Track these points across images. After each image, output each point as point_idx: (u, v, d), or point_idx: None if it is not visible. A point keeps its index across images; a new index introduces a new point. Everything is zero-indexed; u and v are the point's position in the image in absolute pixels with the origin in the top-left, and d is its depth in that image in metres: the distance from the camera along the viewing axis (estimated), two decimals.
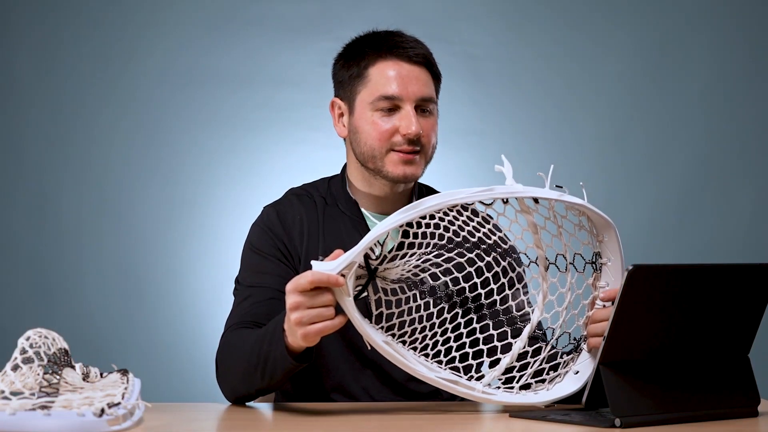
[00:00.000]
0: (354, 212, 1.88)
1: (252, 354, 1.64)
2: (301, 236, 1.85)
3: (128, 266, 3.50)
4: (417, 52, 1.83)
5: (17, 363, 1.41)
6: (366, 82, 1.82)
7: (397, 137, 1.81)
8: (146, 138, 3.52)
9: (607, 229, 1.60)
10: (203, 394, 3.39)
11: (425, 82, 1.83)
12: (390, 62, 1.82)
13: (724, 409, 1.54)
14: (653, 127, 3.58)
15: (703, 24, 3.59)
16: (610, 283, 1.62)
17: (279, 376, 1.62)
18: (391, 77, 1.81)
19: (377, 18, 3.56)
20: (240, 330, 1.75)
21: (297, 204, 1.89)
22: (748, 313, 1.57)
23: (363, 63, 1.83)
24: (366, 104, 1.82)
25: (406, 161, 1.81)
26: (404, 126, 1.80)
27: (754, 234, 3.55)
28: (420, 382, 1.74)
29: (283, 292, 1.79)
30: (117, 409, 1.35)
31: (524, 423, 1.53)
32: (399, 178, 1.82)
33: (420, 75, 1.83)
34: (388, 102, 1.81)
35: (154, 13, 3.53)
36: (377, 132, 1.81)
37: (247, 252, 1.88)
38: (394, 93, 1.80)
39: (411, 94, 1.81)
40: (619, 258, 1.61)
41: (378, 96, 1.81)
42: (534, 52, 3.58)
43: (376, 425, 1.53)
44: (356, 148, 1.85)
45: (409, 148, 1.81)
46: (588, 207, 1.57)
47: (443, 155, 3.62)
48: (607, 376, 1.46)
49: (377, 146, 1.81)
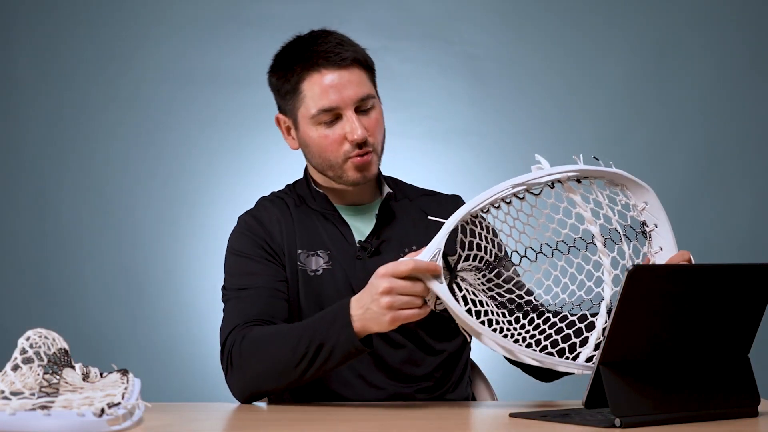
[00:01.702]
0: (324, 206, 1.92)
1: (299, 343, 1.64)
2: (281, 234, 1.88)
3: (128, 266, 3.50)
4: (343, 56, 1.83)
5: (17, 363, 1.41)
6: (302, 99, 1.85)
7: (346, 145, 1.84)
8: (147, 138, 3.52)
9: (647, 194, 1.63)
10: (203, 394, 3.39)
11: (359, 82, 1.84)
12: (319, 74, 1.83)
13: (724, 409, 1.54)
14: (653, 127, 3.58)
15: (703, 24, 3.59)
16: (664, 247, 1.64)
17: (334, 363, 1.64)
18: (325, 89, 1.82)
19: (377, 18, 3.58)
20: (262, 326, 1.75)
21: (271, 207, 1.93)
22: (748, 313, 1.57)
23: (294, 79, 1.85)
24: (307, 120, 1.85)
25: (362, 165, 1.85)
26: (349, 133, 1.83)
27: (754, 234, 3.55)
28: (414, 365, 1.80)
29: (276, 289, 1.82)
30: (117, 409, 1.35)
31: (524, 423, 1.52)
32: (359, 181, 1.87)
33: (352, 77, 1.84)
34: (327, 114, 1.83)
35: (154, 14, 3.54)
36: (326, 144, 1.84)
37: (231, 258, 1.90)
38: (332, 104, 1.83)
39: (348, 99, 1.83)
40: (665, 220, 1.64)
41: (317, 111, 1.83)
42: (534, 52, 3.58)
43: (376, 425, 1.53)
44: (311, 159, 1.90)
45: (361, 151, 1.84)
46: (626, 176, 1.60)
47: (443, 155, 3.66)
48: (607, 376, 1.46)
49: (332, 158, 1.85)
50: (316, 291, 1.85)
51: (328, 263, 1.87)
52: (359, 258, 1.87)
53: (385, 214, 1.92)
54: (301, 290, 1.85)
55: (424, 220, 1.92)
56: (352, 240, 1.89)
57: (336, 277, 1.86)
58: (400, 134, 3.49)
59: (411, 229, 1.93)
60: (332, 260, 1.87)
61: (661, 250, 1.65)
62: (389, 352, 1.85)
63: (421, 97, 3.55)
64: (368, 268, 1.84)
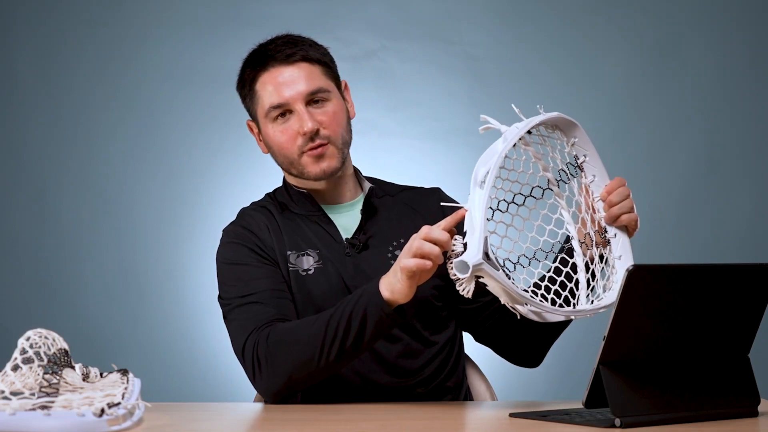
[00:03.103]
0: (307, 208, 1.94)
1: (329, 323, 1.70)
2: (270, 238, 1.91)
3: (128, 266, 3.50)
4: (288, 53, 1.90)
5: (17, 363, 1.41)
6: (257, 99, 1.92)
7: (299, 139, 1.88)
8: (147, 138, 3.52)
9: (574, 128, 1.71)
10: (203, 394, 3.39)
11: (308, 77, 1.89)
12: (268, 73, 1.90)
13: (724, 409, 1.54)
14: (653, 127, 3.58)
15: (703, 24, 3.59)
16: (597, 174, 1.72)
17: (368, 336, 1.68)
18: (274, 86, 1.89)
19: (377, 18, 3.58)
20: (283, 322, 1.78)
21: (255, 214, 1.96)
22: (748, 313, 1.57)
23: (249, 82, 1.93)
24: (264, 119, 1.92)
25: (317, 157, 1.89)
26: (299, 126, 1.88)
27: (754, 234, 3.55)
28: (410, 359, 1.85)
29: (279, 290, 1.83)
30: (117, 409, 1.35)
31: (524, 423, 1.53)
32: (319, 176, 1.90)
33: (300, 72, 1.89)
34: (278, 110, 1.89)
35: (154, 14, 3.53)
36: (282, 140, 1.90)
37: (226, 268, 1.90)
38: (280, 100, 1.89)
39: (296, 94, 1.88)
40: (593, 150, 1.73)
41: (268, 108, 1.90)
42: (534, 52, 3.58)
43: (376, 425, 1.53)
44: (276, 159, 1.95)
45: (314, 144, 1.88)
46: (560, 116, 1.68)
47: (444, 155, 3.66)
48: (607, 376, 1.46)
49: (289, 154, 1.90)
50: (308, 290, 1.87)
51: (318, 262, 1.89)
52: (348, 255, 1.89)
53: (369, 209, 1.95)
54: (294, 290, 1.87)
55: (408, 214, 1.97)
56: (339, 238, 1.91)
57: (328, 275, 1.87)
58: (400, 134, 3.50)
59: (396, 223, 1.95)
60: (322, 259, 1.89)
61: (594, 178, 1.73)
62: (386, 346, 1.86)
63: (421, 97, 3.55)
64: (358, 264, 1.89)
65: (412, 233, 1.64)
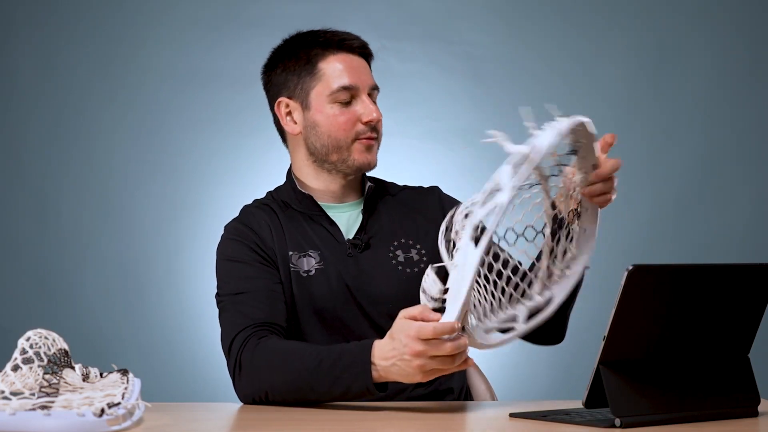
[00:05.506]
0: (310, 207, 1.93)
1: (320, 380, 1.65)
2: (271, 238, 1.89)
3: (128, 266, 3.50)
4: (363, 44, 1.94)
5: (17, 363, 1.41)
6: (320, 77, 1.90)
7: (359, 126, 1.90)
8: (148, 138, 3.52)
9: None
10: (203, 394, 3.39)
11: (370, 73, 1.94)
12: (340, 55, 1.91)
13: (724, 409, 1.55)
14: (652, 128, 3.58)
15: (703, 25, 3.59)
16: None
17: (345, 399, 1.66)
18: (346, 68, 1.90)
19: (377, 18, 3.58)
20: (276, 339, 1.76)
21: (257, 212, 1.95)
22: (748, 313, 1.57)
23: (312, 57, 1.91)
24: (323, 98, 1.90)
25: (368, 147, 1.90)
26: (366, 114, 1.89)
27: (754, 234, 3.55)
28: None
29: (273, 291, 1.83)
30: (117, 409, 1.35)
31: (524, 423, 1.53)
32: (364, 166, 1.91)
33: (366, 66, 1.94)
34: (346, 93, 1.89)
35: (154, 15, 3.54)
36: (341, 121, 1.89)
37: (225, 265, 1.90)
38: (352, 83, 1.89)
39: (365, 83, 1.91)
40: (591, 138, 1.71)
41: (336, 88, 1.89)
42: (534, 52, 3.58)
43: (376, 425, 1.53)
44: (316, 141, 1.91)
45: (372, 134, 1.90)
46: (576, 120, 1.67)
47: (443, 155, 3.66)
48: (607, 376, 1.46)
49: (342, 137, 1.89)
50: (309, 291, 1.86)
51: (319, 263, 1.88)
52: (350, 255, 1.89)
53: (371, 209, 1.95)
54: (294, 291, 1.86)
55: (408, 213, 1.96)
56: (341, 238, 1.91)
57: (329, 276, 1.87)
58: (399, 134, 3.50)
59: (397, 222, 1.95)
60: (324, 260, 1.88)
61: None
62: None
63: (421, 97, 3.55)
64: (360, 265, 1.88)
65: (412, 232, 1.62)
